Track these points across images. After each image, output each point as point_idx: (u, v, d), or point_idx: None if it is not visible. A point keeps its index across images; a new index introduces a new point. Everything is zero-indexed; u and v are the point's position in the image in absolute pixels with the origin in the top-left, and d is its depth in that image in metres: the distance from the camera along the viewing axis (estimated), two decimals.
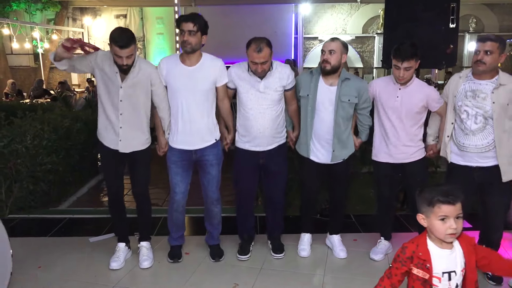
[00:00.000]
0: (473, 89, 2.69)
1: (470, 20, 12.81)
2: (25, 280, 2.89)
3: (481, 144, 2.69)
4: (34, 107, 5.64)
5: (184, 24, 2.78)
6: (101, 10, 13.70)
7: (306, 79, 3.01)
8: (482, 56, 2.59)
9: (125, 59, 2.72)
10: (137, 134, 2.95)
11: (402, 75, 2.83)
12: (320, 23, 13.70)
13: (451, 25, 3.83)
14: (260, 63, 2.82)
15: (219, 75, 2.94)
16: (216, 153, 3.01)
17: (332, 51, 2.88)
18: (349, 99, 2.93)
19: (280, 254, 3.18)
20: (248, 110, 2.96)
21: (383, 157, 3.05)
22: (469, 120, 2.70)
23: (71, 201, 4.52)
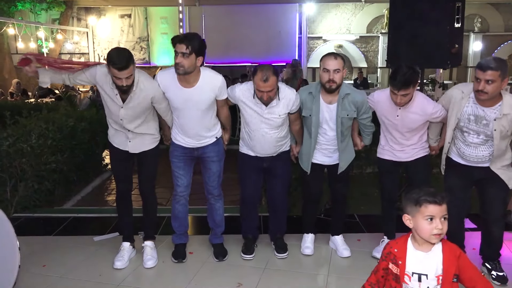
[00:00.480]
0: (476, 115, 2.66)
1: (475, 19, 12.75)
2: (30, 278, 2.90)
3: (482, 155, 2.73)
4: (39, 107, 5.66)
5: (178, 45, 2.69)
6: (106, 10, 13.74)
7: (307, 100, 3.00)
8: (483, 86, 2.50)
9: (125, 80, 2.64)
10: (146, 136, 3.00)
11: (399, 101, 2.80)
12: (324, 22, 13.66)
13: (456, 25, 3.82)
14: (266, 92, 2.81)
15: (219, 92, 2.91)
16: (217, 150, 3.03)
17: (337, 70, 2.84)
18: (347, 114, 2.97)
19: (284, 254, 3.18)
20: (251, 130, 2.99)
21: (388, 155, 3.09)
22: (470, 136, 2.72)
23: (75, 200, 4.54)
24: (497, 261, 2.88)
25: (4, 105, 6.25)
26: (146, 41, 13.80)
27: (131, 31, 13.76)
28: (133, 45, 13.61)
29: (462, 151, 2.78)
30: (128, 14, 13.76)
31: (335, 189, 3.25)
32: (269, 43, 12.68)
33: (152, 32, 13.80)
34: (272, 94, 2.84)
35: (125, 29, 13.83)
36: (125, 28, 13.82)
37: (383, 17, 13.23)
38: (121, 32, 13.75)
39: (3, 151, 3.82)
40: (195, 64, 2.75)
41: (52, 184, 4.21)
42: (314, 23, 13.58)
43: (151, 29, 13.78)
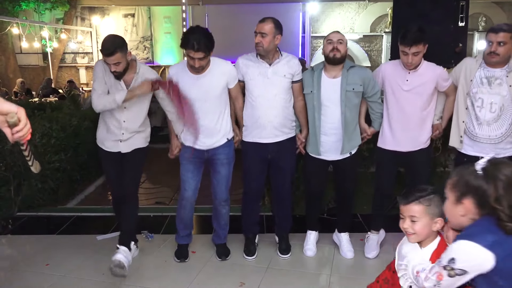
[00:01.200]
0: (487, 76, 2.69)
1: (479, 18, 12.67)
2: (33, 277, 2.92)
3: (495, 135, 2.67)
4: (43, 106, 5.67)
5: (194, 53, 2.71)
6: (110, 10, 13.76)
7: (308, 76, 2.99)
8: (495, 47, 2.59)
9: (113, 66, 2.73)
10: (137, 136, 2.99)
11: (411, 61, 2.78)
12: (328, 22, 13.63)
13: (460, 24, 3.79)
14: (260, 33, 2.82)
15: (229, 78, 2.92)
16: (227, 153, 3.00)
17: (340, 40, 2.87)
18: (353, 88, 2.89)
19: (287, 255, 3.17)
20: (255, 97, 2.93)
21: (390, 145, 3.00)
22: (483, 108, 2.68)
23: (78, 199, 4.55)
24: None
25: None
26: (150, 40, 13.81)
27: (135, 31, 13.77)
28: (136, 44, 13.63)
29: (474, 133, 2.73)
30: (131, 13, 13.78)
31: (342, 188, 3.19)
32: None
33: (155, 31, 13.81)
34: (266, 42, 2.82)
35: (128, 28, 13.85)
36: (129, 28, 13.83)
37: (387, 16, 13.18)
38: (124, 31, 13.75)
39: (7, 150, 3.84)
40: (209, 60, 2.85)
41: (55, 183, 4.22)
42: (317, 22, 13.56)
43: (154, 28, 13.79)
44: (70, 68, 14.09)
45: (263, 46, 2.84)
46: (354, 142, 3.02)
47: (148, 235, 3.47)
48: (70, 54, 13.99)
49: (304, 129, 3.10)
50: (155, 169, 5.33)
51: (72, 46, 13.65)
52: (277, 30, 2.87)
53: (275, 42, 2.87)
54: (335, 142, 2.97)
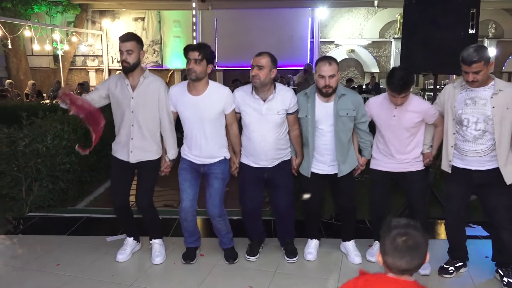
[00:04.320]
0: (471, 97, 2.75)
1: (489, 25, 12.64)
2: (43, 277, 2.95)
3: (480, 149, 2.76)
4: (54, 108, 5.74)
5: (191, 53, 2.84)
6: (120, 13, 13.92)
7: (302, 101, 3.05)
8: (472, 77, 2.66)
9: (125, 54, 2.87)
10: (148, 144, 3.04)
11: (400, 102, 2.91)
12: (337, 27, 13.66)
13: (471, 31, 3.79)
14: (257, 65, 2.88)
15: (226, 103, 2.97)
16: (223, 168, 3.04)
17: (332, 76, 2.91)
18: (347, 113, 2.98)
19: (294, 258, 3.18)
20: (251, 132, 3.00)
21: (383, 167, 3.10)
22: (469, 127, 2.76)
23: (88, 200, 4.60)
24: (510, 268, 2.86)
25: (20, 106, 6.36)
26: (159, 44, 13.93)
27: (145, 34, 13.90)
28: (146, 48, 13.74)
29: (461, 148, 2.81)
30: (141, 17, 13.92)
31: (340, 203, 3.24)
32: (281, 47, 12.69)
33: (165, 35, 13.93)
34: (263, 75, 2.87)
35: (138, 32, 13.96)
36: (139, 31, 13.96)
37: (396, 22, 13.18)
38: None
39: (20, 151, 3.90)
40: (206, 71, 2.89)
41: (66, 184, 4.27)
42: (326, 28, 13.59)
43: (164, 32, 13.91)
44: (80, 70, 14.24)
45: (260, 79, 2.89)
46: (349, 165, 3.09)
47: None
48: (81, 57, 14.14)
49: (299, 156, 3.16)
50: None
51: (82, 49, 13.80)
52: (273, 64, 2.94)
53: (271, 75, 2.93)
54: (330, 161, 3.06)
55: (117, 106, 3.02)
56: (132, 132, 2.99)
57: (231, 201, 4.03)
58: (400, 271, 1.44)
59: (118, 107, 3.02)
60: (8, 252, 3.37)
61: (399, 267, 1.43)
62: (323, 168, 3.08)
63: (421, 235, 1.44)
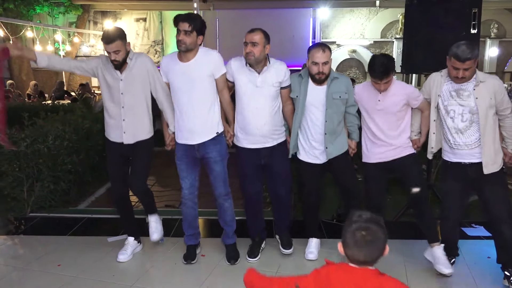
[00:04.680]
0: (456, 89, 2.77)
1: (491, 25, 12.59)
2: (45, 277, 2.96)
3: (470, 141, 2.76)
4: (56, 108, 5.76)
5: (181, 23, 2.82)
6: (122, 14, 13.92)
7: (295, 81, 3.06)
8: (462, 73, 2.66)
9: (113, 54, 2.87)
10: (140, 124, 3.06)
11: (383, 88, 2.92)
12: (338, 27, 13.64)
13: (473, 31, 3.78)
14: (251, 42, 2.86)
15: (216, 67, 2.95)
16: (219, 150, 3.02)
17: (326, 62, 2.93)
18: (340, 96, 3.00)
19: (289, 250, 3.19)
20: (245, 105, 2.98)
21: (375, 158, 3.07)
22: (456, 118, 2.77)
23: (89, 201, 4.60)
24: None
25: (22, 107, 6.36)
26: (161, 44, 13.93)
27: (146, 35, 13.91)
28: (148, 48, 13.76)
29: (452, 142, 2.81)
30: (143, 18, 13.92)
31: (343, 189, 3.22)
32: (282, 48, 12.68)
33: (166, 35, 13.93)
34: (257, 52, 2.85)
35: (140, 32, 13.99)
36: (140, 32, 13.97)
37: (398, 23, 13.15)
38: (136, 35, 13.90)
39: (21, 152, 3.90)
40: (196, 42, 2.87)
41: (67, 184, 4.28)
42: (328, 28, 13.57)
43: (165, 33, 13.91)
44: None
45: (255, 56, 2.89)
46: (339, 146, 3.08)
47: None
48: (83, 58, 14.14)
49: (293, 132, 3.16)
50: (164, 172, 5.36)
51: (84, 50, 13.81)
52: (267, 40, 2.93)
53: (265, 51, 2.93)
54: (318, 147, 3.05)
55: (107, 87, 3.03)
56: (123, 114, 3.01)
57: None
58: (359, 262, 1.50)
59: (107, 88, 3.03)
60: (9, 252, 3.38)
61: (358, 259, 1.50)
62: (317, 156, 3.06)
63: (380, 230, 1.49)
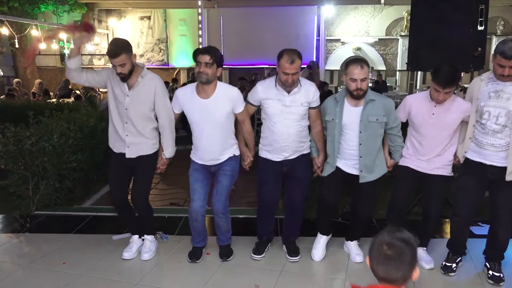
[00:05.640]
0: (496, 90, 2.70)
1: (498, 22, 12.51)
2: (50, 275, 2.96)
3: (498, 144, 2.71)
4: (60, 107, 5.77)
5: (201, 56, 2.85)
6: (126, 12, 13.94)
7: (331, 105, 3.02)
8: (508, 71, 2.59)
9: (119, 68, 2.86)
10: (143, 140, 3.05)
11: (442, 98, 2.80)
12: (343, 25, 13.60)
13: (480, 28, 3.75)
14: (291, 74, 2.85)
15: (235, 104, 2.97)
16: (233, 166, 3.06)
17: (364, 79, 2.86)
18: (377, 119, 2.91)
19: (296, 257, 3.17)
20: (274, 123, 2.99)
21: (410, 164, 3.03)
22: (489, 120, 2.72)
23: (94, 199, 4.61)
24: (498, 262, 2.89)
25: (27, 105, 6.39)
26: (165, 42, 13.95)
27: (151, 33, 13.93)
28: (152, 46, 13.78)
29: (479, 141, 2.77)
30: (147, 16, 13.94)
31: (355, 208, 3.16)
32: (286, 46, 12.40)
33: (171, 34, 13.94)
34: (295, 78, 2.89)
35: (144, 31, 14.01)
36: (145, 30, 13.99)
37: (403, 20, 13.10)
38: (140, 33, 13.92)
39: (26, 150, 3.91)
40: (216, 74, 2.91)
41: (72, 182, 4.28)
42: (332, 26, 13.53)
43: (170, 31, 13.92)
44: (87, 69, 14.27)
45: (294, 81, 2.89)
46: (376, 173, 3.02)
47: (163, 236, 3.49)
48: (87, 56, 14.19)
49: (321, 154, 3.14)
50: (169, 170, 5.35)
51: (89, 48, 13.83)
52: (300, 63, 2.90)
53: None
54: (353, 165, 3.01)
55: (114, 99, 3.03)
56: (126, 129, 3.02)
57: (238, 199, 4.02)
58: (379, 278, 1.43)
59: (114, 101, 3.03)
60: (15, 250, 3.39)
61: (377, 274, 1.43)
62: (348, 166, 3.02)
63: (406, 249, 1.39)
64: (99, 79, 3.03)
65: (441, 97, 2.79)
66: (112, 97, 3.04)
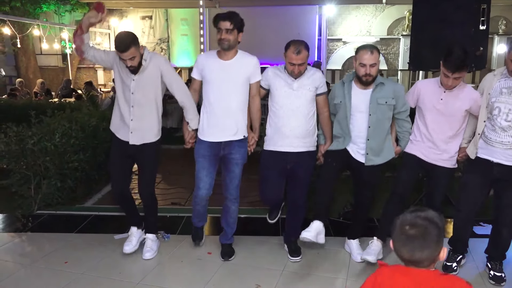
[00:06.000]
0: (509, 86, 2.68)
1: (499, 21, 12.46)
2: (52, 274, 2.97)
3: (508, 141, 2.69)
4: (62, 106, 5.77)
5: (222, 22, 2.88)
6: (128, 12, 13.95)
7: (339, 88, 3.04)
8: None
9: (129, 61, 2.86)
10: (147, 127, 3.06)
11: (451, 84, 2.78)
12: (344, 24, 13.58)
13: (481, 27, 3.75)
14: (298, 65, 2.88)
15: (253, 71, 3.01)
16: (242, 153, 3.08)
17: (373, 64, 2.85)
18: (386, 101, 2.92)
19: (297, 258, 3.16)
20: (280, 107, 3.00)
21: (416, 152, 3.02)
22: (499, 116, 2.70)
23: (96, 198, 4.61)
24: (500, 262, 2.89)
25: (29, 104, 6.40)
26: (167, 42, 13.95)
27: (152, 33, 13.93)
28: (153, 46, 13.77)
29: (488, 137, 2.75)
30: (149, 15, 13.94)
31: (361, 193, 3.15)
32: None
33: (172, 33, 13.94)
34: (302, 68, 2.92)
35: (146, 30, 14.01)
36: (146, 30, 14.00)
37: (405, 19, 13.06)
38: (142, 33, 13.92)
39: (28, 149, 3.92)
40: (237, 40, 2.94)
41: (74, 182, 4.29)
42: (334, 25, 13.51)
43: (171, 30, 13.92)
44: (88, 69, 14.30)
45: (301, 72, 2.94)
46: (383, 157, 3.03)
47: (164, 236, 3.49)
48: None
49: (328, 141, 3.15)
50: (171, 169, 5.38)
51: None
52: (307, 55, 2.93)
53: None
54: (360, 151, 3.01)
55: (121, 82, 3.03)
56: (132, 113, 3.01)
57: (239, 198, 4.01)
58: (404, 260, 1.38)
59: (121, 84, 3.03)
60: (17, 249, 3.40)
61: (402, 256, 1.38)
62: (354, 151, 3.01)
63: (431, 228, 1.35)
64: (106, 59, 3.03)
65: (450, 82, 2.76)
66: (119, 80, 3.03)
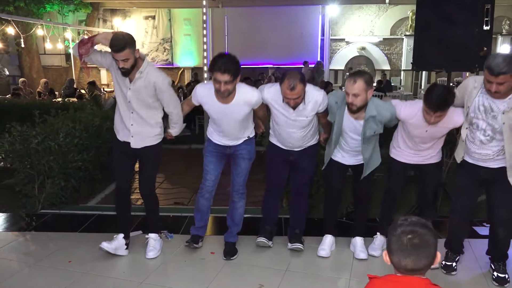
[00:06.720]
0: (485, 105, 2.65)
1: (503, 22, 12.43)
2: (56, 274, 2.98)
3: (486, 153, 2.73)
4: (66, 106, 5.79)
5: (220, 75, 2.76)
6: (131, 12, 13.98)
7: (332, 106, 3.01)
8: (496, 88, 2.51)
9: (121, 63, 2.81)
10: (147, 131, 3.07)
11: (434, 120, 2.76)
12: (347, 24, 13.57)
13: (485, 27, 3.74)
14: (293, 99, 2.86)
15: (254, 105, 3.01)
16: (249, 149, 3.15)
17: (356, 94, 2.80)
18: (374, 132, 2.97)
19: (299, 245, 3.19)
20: (279, 128, 3.08)
21: (401, 158, 3.11)
22: (478, 131, 2.72)
23: (99, 198, 4.63)
24: (503, 263, 2.89)
25: (32, 104, 6.41)
26: (170, 42, 13.98)
27: (155, 33, 13.96)
28: (156, 46, 13.81)
29: (469, 148, 2.80)
30: (152, 15, 13.97)
31: (358, 188, 3.22)
32: (291, 45, 12.65)
33: (175, 33, 13.97)
34: (299, 101, 2.89)
35: (149, 30, 14.05)
36: (149, 30, 14.03)
37: (408, 19, 13.05)
38: (145, 33, 13.96)
39: (32, 149, 3.93)
40: (235, 85, 2.90)
41: (77, 181, 4.30)
42: (337, 25, 13.50)
43: (174, 30, 13.95)
44: (91, 69, 14.30)
45: (298, 103, 2.89)
46: (374, 162, 3.13)
47: (168, 235, 3.50)
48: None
49: (326, 133, 3.22)
50: (174, 169, 5.38)
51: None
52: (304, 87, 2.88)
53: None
54: (352, 156, 3.11)
55: (118, 87, 3.03)
56: (132, 119, 3.03)
57: None
58: (407, 271, 1.38)
59: (119, 90, 3.03)
60: (21, 248, 3.41)
61: (405, 267, 1.37)
62: (347, 160, 3.13)
63: (429, 234, 1.36)
64: (102, 61, 3.00)
65: (432, 120, 2.74)
66: (117, 85, 3.04)
